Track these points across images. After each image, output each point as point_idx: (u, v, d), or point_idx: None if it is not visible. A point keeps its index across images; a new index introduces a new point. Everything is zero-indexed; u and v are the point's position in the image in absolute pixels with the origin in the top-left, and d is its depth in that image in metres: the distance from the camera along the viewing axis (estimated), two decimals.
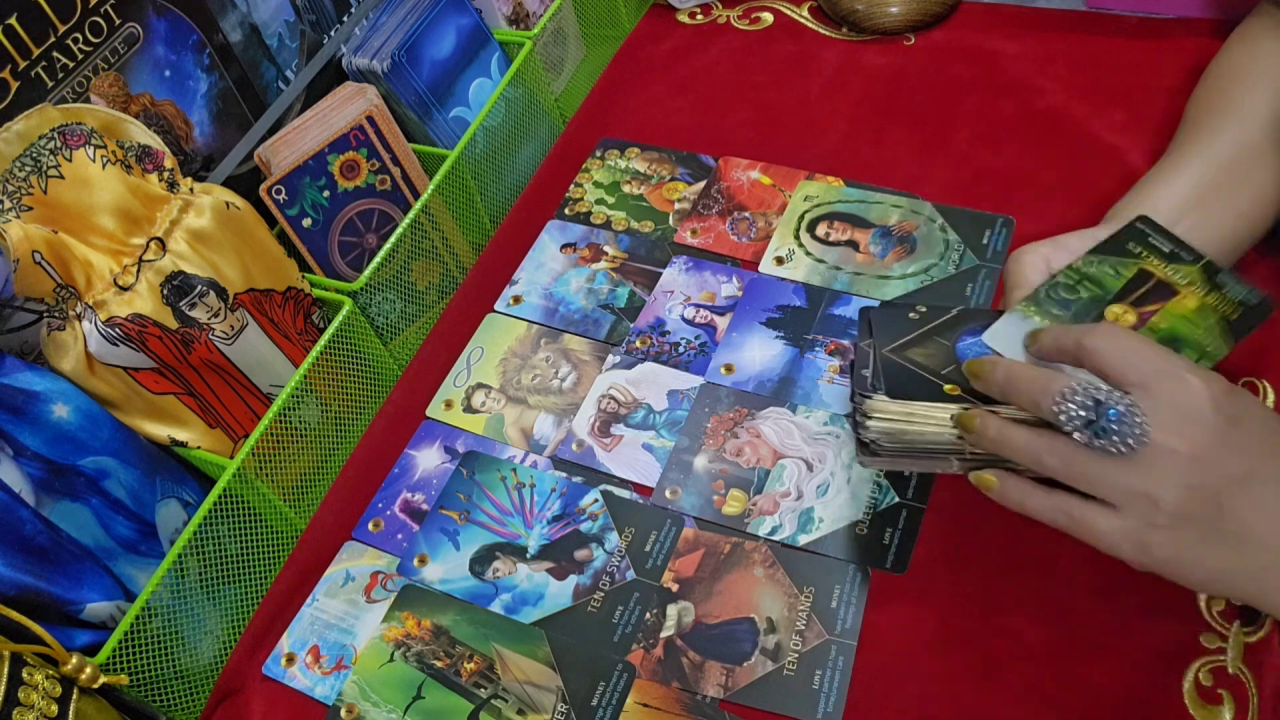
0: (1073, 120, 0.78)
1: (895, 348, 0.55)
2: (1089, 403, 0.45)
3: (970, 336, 0.56)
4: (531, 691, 0.58)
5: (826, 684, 0.56)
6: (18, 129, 0.57)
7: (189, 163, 0.70)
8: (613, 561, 0.62)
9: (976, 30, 0.87)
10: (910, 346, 0.55)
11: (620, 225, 0.81)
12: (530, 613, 0.61)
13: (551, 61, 0.89)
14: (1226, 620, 0.54)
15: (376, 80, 0.78)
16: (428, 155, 0.79)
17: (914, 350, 0.55)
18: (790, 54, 0.90)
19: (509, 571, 0.63)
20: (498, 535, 0.65)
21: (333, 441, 0.71)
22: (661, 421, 0.68)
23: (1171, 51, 0.79)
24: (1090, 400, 0.45)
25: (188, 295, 0.61)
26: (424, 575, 0.64)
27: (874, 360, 0.55)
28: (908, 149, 0.80)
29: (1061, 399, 0.45)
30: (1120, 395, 0.45)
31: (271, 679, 0.62)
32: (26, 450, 0.56)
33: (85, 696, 0.51)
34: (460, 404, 0.72)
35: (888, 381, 0.53)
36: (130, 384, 0.61)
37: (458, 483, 0.68)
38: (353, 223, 0.74)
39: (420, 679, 0.60)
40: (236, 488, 0.62)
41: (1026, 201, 0.74)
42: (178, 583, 0.59)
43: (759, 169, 0.81)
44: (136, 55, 0.65)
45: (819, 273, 0.74)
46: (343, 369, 0.70)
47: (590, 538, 0.64)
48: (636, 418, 0.69)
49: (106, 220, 0.59)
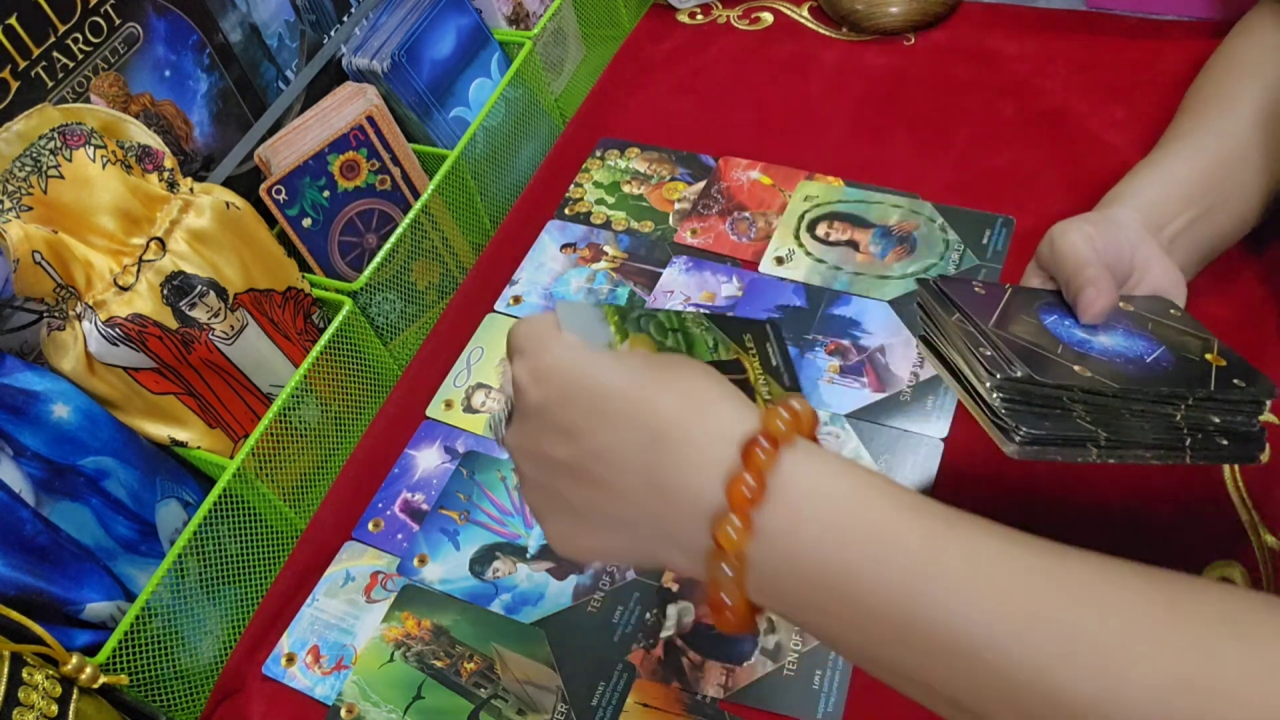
0: (1073, 120, 0.78)
1: (996, 321, 0.50)
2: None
3: (1049, 314, 0.52)
4: (531, 691, 0.58)
5: (827, 684, 0.56)
6: (18, 129, 0.57)
7: (189, 163, 0.70)
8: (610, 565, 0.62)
9: (976, 30, 0.87)
10: (1007, 322, 0.50)
11: (620, 225, 0.81)
12: (530, 613, 0.61)
13: (551, 61, 0.89)
14: None
15: (376, 80, 0.78)
16: (428, 155, 0.79)
17: (1012, 327, 0.50)
18: (790, 54, 0.90)
19: (509, 571, 0.63)
20: (498, 535, 0.65)
21: (333, 441, 0.71)
22: None
23: (1171, 51, 0.79)
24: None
25: (188, 295, 0.61)
26: (424, 575, 0.64)
27: (983, 337, 0.48)
28: (908, 149, 0.80)
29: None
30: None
31: (271, 679, 0.62)
32: (26, 450, 0.56)
33: (85, 696, 0.51)
34: (460, 404, 0.72)
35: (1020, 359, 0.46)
36: (130, 384, 0.60)
37: (458, 483, 0.68)
38: (353, 223, 0.74)
39: (420, 679, 0.60)
40: (236, 488, 0.62)
41: (1026, 201, 0.74)
42: (178, 583, 0.59)
43: (759, 169, 0.81)
44: (136, 55, 0.65)
45: (819, 273, 0.74)
46: (343, 369, 0.70)
47: None
48: None
49: (106, 220, 0.59)
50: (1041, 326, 0.51)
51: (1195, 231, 0.59)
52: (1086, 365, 0.48)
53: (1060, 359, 0.48)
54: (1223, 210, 0.60)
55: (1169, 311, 0.54)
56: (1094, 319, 0.52)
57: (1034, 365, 0.47)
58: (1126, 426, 0.48)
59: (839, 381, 0.68)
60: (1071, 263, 0.53)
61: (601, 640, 0.59)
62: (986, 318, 0.50)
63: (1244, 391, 0.48)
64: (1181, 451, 0.48)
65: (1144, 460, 0.48)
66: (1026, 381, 0.46)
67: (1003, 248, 0.72)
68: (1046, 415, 0.47)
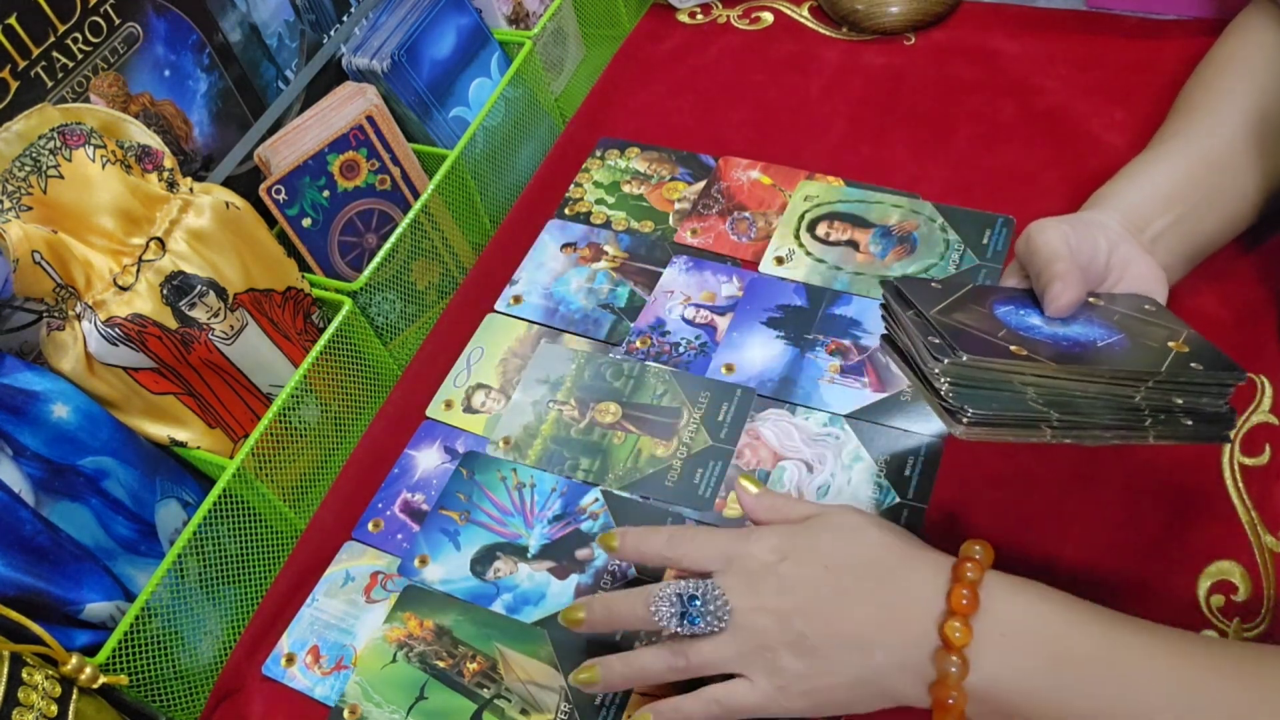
0: (1073, 120, 0.78)
1: (941, 311, 0.53)
2: (674, 598, 0.50)
3: (1004, 305, 0.54)
4: (534, 691, 0.58)
5: None
6: (17, 129, 0.57)
7: (189, 163, 0.70)
8: (614, 560, 0.62)
9: (977, 30, 0.87)
10: (953, 311, 0.53)
11: (620, 225, 0.81)
12: (532, 612, 0.61)
13: (551, 61, 0.89)
14: (1226, 617, 0.54)
15: (376, 80, 0.77)
16: (428, 155, 0.79)
17: (958, 315, 0.53)
18: (790, 54, 0.90)
19: (510, 571, 0.63)
20: (498, 535, 0.65)
21: (333, 441, 0.71)
22: None
23: (1171, 51, 0.79)
24: (674, 595, 0.50)
25: (187, 295, 0.61)
26: (425, 576, 0.64)
27: (932, 326, 0.51)
28: (908, 149, 0.80)
29: (655, 606, 0.51)
30: (697, 582, 0.51)
31: (271, 679, 0.62)
32: (26, 450, 0.56)
33: (85, 697, 0.51)
34: (460, 404, 0.72)
35: (960, 344, 0.49)
36: (130, 384, 0.60)
37: (458, 483, 0.68)
38: (352, 223, 0.74)
39: (423, 679, 0.60)
40: (236, 488, 0.62)
41: (1026, 201, 0.74)
42: (177, 583, 0.59)
43: (759, 169, 0.81)
44: (136, 55, 0.65)
45: (819, 272, 0.74)
46: (343, 369, 0.70)
47: (591, 537, 0.64)
48: None
49: (106, 220, 0.59)
50: (990, 314, 0.53)
51: (1179, 231, 0.59)
52: (1024, 346, 0.50)
53: (999, 340, 0.50)
54: (1209, 210, 0.60)
55: (1143, 307, 0.55)
56: (1059, 312, 0.53)
57: (967, 345, 0.49)
58: (1080, 406, 0.49)
59: (839, 381, 0.68)
60: (1043, 257, 0.54)
61: (604, 639, 0.59)
62: (934, 307, 0.52)
63: (1204, 374, 0.49)
64: (1144, 431, 0.49)
65: (1104, 441, 0.49)
66: (970, 365, 0.48)
67: (1003, 248, 0.72)
68: (995, 397, 0.48)
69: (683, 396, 0.68)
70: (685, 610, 0.50)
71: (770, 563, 0.51)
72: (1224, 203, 0.60)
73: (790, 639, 0.49)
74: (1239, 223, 0.62)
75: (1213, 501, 0.58)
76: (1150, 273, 0.57)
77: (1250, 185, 0.61)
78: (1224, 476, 0.58)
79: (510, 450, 0.68)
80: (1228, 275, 0.65)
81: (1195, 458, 0.59)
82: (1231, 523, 0.57)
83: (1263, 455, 0.59)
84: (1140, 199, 0.59)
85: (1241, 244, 0.64)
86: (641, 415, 0.68)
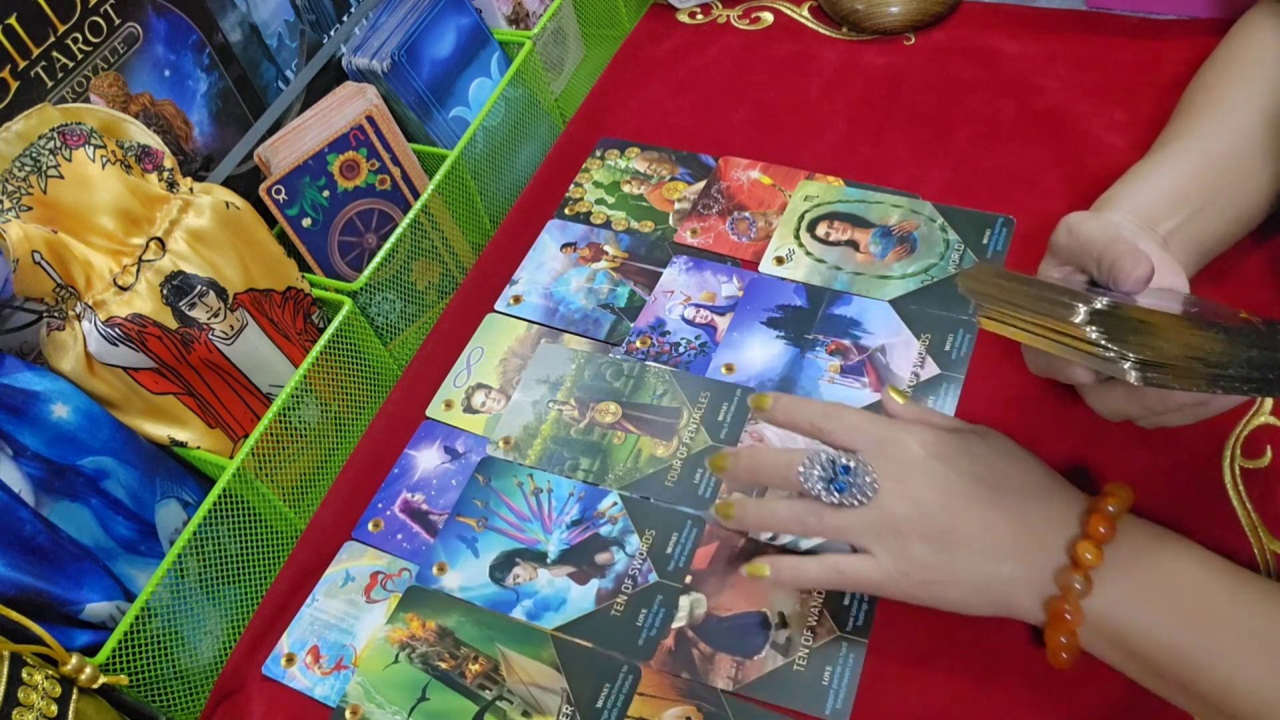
0: (1073, 120, 0.78)
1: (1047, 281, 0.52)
2: (827, 465, 0.53)
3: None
4: (536, 693, 0.58)
5: (836, 680, 0.56)
6: (17, 129, 0.57)
7: (189, 163, 0.70)
8: (634, 564, 0.62)
9: (977, 30, 0.87)
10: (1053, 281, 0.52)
11: (620, 225, 0.81)
12: (552, 618, 0.61)
13: (551, 61, 0.89)
14: None
15: (376, 80, 0.77)
16: (428, 155, 0.79)
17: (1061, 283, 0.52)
18: (790, 54, 0.90)
19: (530, 577, 0.63)
20: (517, 541, 0.65)
21: (333, 441, 0.71)
22: None
23: (1171, 51, 0.79)
24: (828, 462, 0.54)
25: (187, 295, 0.61)
26: (444, 583, 0.63)
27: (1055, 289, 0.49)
28: (908, 149, 0.80)
29: (804, 468, 0.54)
30: (851, 455, 0.54)
31: (271, 679, 0.62)
32: (26, 450, 0.56)
33: (85, 697, 0.51)
34: (460, 404, 0.72)
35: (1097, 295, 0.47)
36: (130, 384, 0.60)
37: (474, 489, 0.67)
38: (353, 223, 0.74)
39: (425, 680, 0.59)
40: (236, 488, 0.62)
41: (1026, 201, 0.74)
42: (177, 583, 0.59)
43: (759, 169, 0.81)
44: (136, 55, 0.65)
45: (819, 272, 0.74)
46: (343, 369, 0.70)
47: (610, 541, 0.63)
48: None
49: (106, 220, 0.59)
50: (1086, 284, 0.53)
51: (1187, 232, 0.59)
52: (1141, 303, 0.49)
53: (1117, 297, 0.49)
54: (1216, 211, 0.60)
55: (1185, 296, 0.54)
56: (1137, 284, 0.51)
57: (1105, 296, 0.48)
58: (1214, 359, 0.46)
59: (840, 381, 0.68)
60: (1101, 241, 0.52)
61: (626, 644, 0.59)
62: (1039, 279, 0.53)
63: None
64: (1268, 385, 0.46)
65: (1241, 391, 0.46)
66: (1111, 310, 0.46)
67: (1003, 248, 0.72)
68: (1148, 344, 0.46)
69: (683, 396, 0.68)
70: (834, 478, 0.53)
71: (920, 455, 0.53)
72: (1231, 204, 0.60)
73: (927, 530, 0.51)
74: (1246, 223, 0.62)
75: (1214, 504, 0.58)
76: (1169, 267, 0.55)
77: (1257, 186, 0.61)
78: (1225, 479, 0.58)
79: (510, 450, 0.68)
80: (1234, 276, 0.65)
81: (1196, 459, 0.59)
82: (1232, 525, 0.57)
83: (1264, 458, 0.59)
84: (1148, 200, 0.58)
85: (1248, 244, 0.64)
86: (641, 415, 0.68)
